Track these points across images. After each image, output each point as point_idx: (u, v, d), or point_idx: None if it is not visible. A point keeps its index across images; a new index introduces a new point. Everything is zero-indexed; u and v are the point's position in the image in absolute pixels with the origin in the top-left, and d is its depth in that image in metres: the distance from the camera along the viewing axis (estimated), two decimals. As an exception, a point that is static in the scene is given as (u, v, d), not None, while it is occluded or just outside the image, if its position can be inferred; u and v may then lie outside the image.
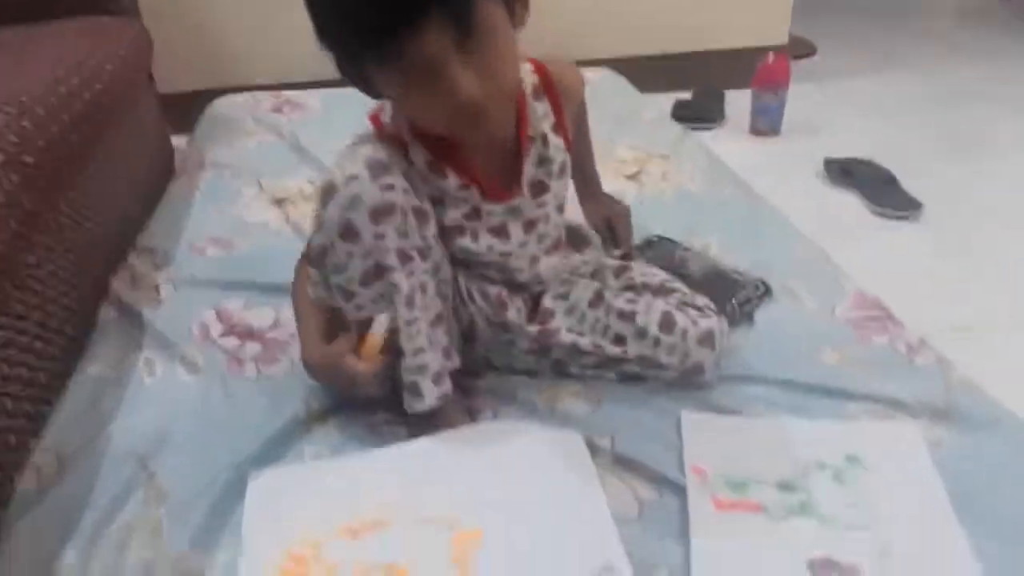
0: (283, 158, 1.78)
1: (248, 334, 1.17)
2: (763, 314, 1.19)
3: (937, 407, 1.00)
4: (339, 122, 1.33)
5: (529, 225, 1.01)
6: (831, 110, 2.33)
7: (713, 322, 1.03)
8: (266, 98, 2.11)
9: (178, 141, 1.98)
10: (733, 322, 1.13)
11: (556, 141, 1.00)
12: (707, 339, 1.02)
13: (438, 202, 0.94)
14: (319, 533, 0.84)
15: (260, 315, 1.20)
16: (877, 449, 0.95)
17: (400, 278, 0.87)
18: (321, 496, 0.89)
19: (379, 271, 0.87)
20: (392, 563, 0.81)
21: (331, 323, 0.94)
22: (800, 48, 2.72)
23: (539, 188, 1.00)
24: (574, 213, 1.21)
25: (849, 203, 1.78)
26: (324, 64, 0.83)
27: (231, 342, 1.15)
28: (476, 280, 1.01)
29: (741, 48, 2.44)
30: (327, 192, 0.85)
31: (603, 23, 2.37)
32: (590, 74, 2.19)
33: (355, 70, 0.84)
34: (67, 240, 1.16)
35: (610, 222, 1.24)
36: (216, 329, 1.18)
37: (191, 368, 1.09)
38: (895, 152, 1.95)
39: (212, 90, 2.16)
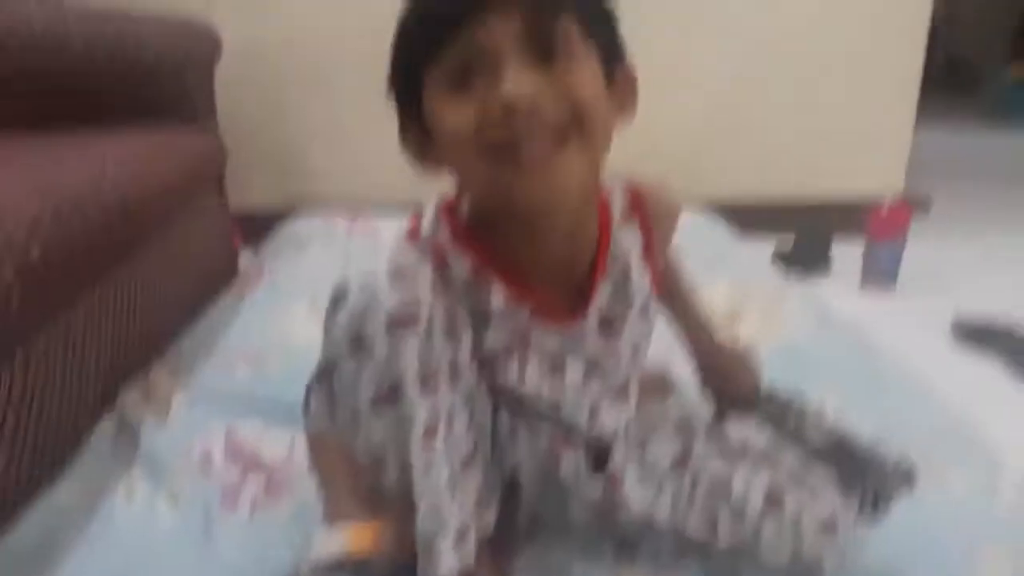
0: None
1: (255, 464, 0.98)
2: (901, 502, 0.92)
3: None
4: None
5: (592, 366, 0.81)
6: (953, 265, 2.08)
7: (837, 505, 0.78)
8: (342, 219, 2.04)
9: (247, 256, 1.91)
10: (864, 511, 0.87)
11: (641, 275, 0.81)
12: (829, 528, 0.77)
13: (480, 322, 0.75)
14: None
15: (274, 441, 1.02)
16: None
17: (417, 406, 0.67)
18: None
19: (393, 395, 0.67)
20: None
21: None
22: (914, 200, 2.51)
23: (610, 326, 0.81)
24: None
25: (986, 371, 1.50)
26: (402, 187, 0.71)
27: (231, 473, 0.96)
28: (525, 417, 0.80)
29: (851, 195, 2.25)
30: (339, 297, 0.68)
31: (703, 165, 2.24)
32: (683, 216, 2.04)
33: (407, 80, 0.70)
34: (79, 344, 1.03)
35: (729, 375, 0.99)
36: (219, 456, 1.00)
37: (173, 503, 0.90)
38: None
39: (294, 207, 2.12)
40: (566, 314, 0.78)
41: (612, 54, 0.72)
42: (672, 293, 0.96)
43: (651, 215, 0.82)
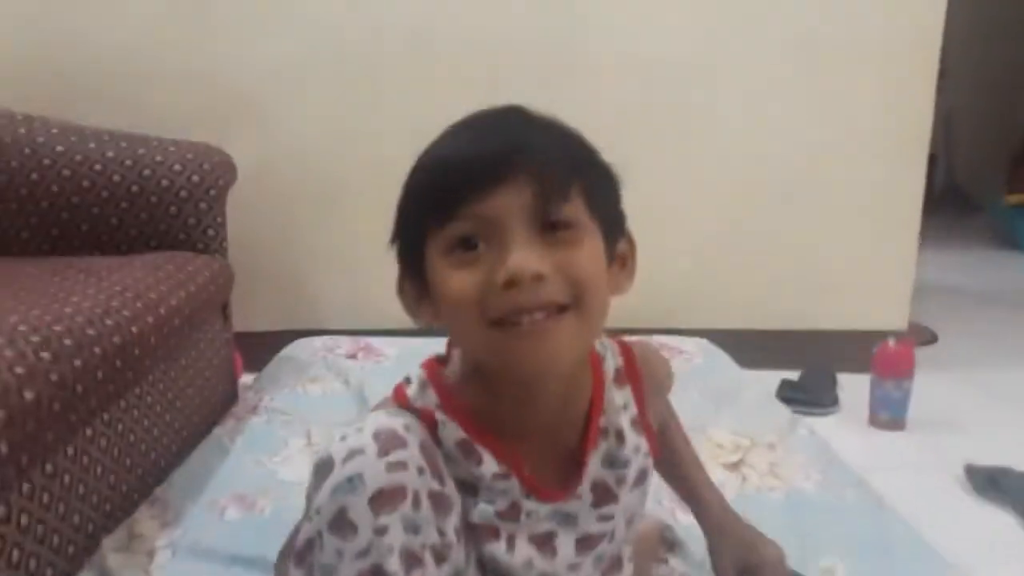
0: (343, 409, 1.64)
1: (235, 630, 0.94)
2: None
3: None
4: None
5: (585, 542, 0.78)
6: (962, 404, 2.05)
7: None
8: (344, 343, 2.03)
9: (248, 380, 1.90)
10: None
11: (636, 440, 0.80)
12: None
13: (469, 491, 0.73)
14: None
15: (258, 603, 0.98)
16: None
17: None
18: None
19: (376, 574, 0.65)
20: None
21: None
22: (919, 334, 2.50)
23: (604, 495, 0.79)
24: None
25: (1001, 522, 1.45)
26: (406, 319, 0.76)
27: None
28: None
29: (856, 328, 2.25)
30: (322, 469, 0.66)
31: (704, 297, 2.24)
32: (685, 345, 2.04)
33: (411, 237, 0.72)
34: (59, 488, 1.01)
35: (750, 544, 0.95)
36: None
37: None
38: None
39: (294, 331, 2.12)
40: (559, 487, 0.77)
41: (615, 227, 0.74)
42: (671, 455, 0.94)
43: (642, 375, 0.82)
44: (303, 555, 0.68)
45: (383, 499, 0.64)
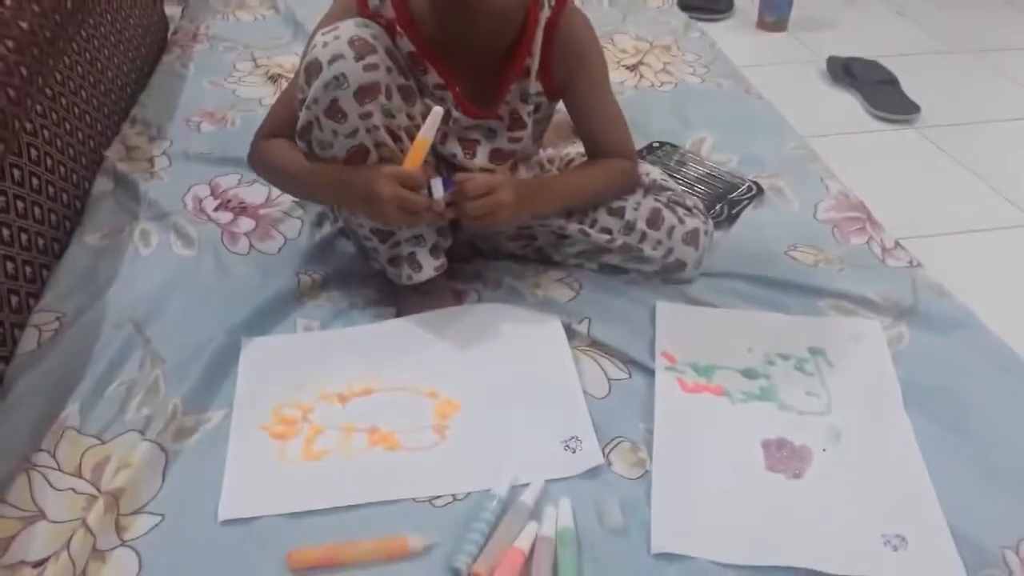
0: (278, 33, 1.76)
1: (241, 209, 1.19)
2: (747, 212, 1.21)
3: (902, 306, 1.04)
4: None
5: (497, 154, 1.00)
6: (840, 8, 2.27)
7: (699, 222, 1.06)
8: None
9: (172, 11, 1.93)
10: (720, 223, 1.16)
11: (538, 86, 0.97)
12: (692, 238, 1.05)
13: (418, 91, 0.94)
14: (308, 398, 0.90)
15: (253, 192, 1.22)
16: (840, 342, 0.99)
17: (393, 157, 0.89)
18: (311, 365, 0.94)
19: (364, 152, 0.88)
20: (375, 426, 0.86)
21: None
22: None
23: (516, 122, 0.99)
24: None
25: (848, 103, 1.76)
26: None
27: (225, 216, 1.18)
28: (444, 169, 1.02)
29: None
30: (311, 69, 0.85)
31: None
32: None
33: None
34: (62, 108, 1.17)
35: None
36: (210, 203, 1.20)
37: (186, 241, 1.12)
38: (901, 54, 1.92)
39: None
40: (481, 110, 0.97)
41: None
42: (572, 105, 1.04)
43: (559, 30, 0.95)
44: (303, 134, 0.89)
45: (363, 93, 0.85)
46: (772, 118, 1.50)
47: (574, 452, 0.84)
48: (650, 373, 0.94)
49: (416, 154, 0.87)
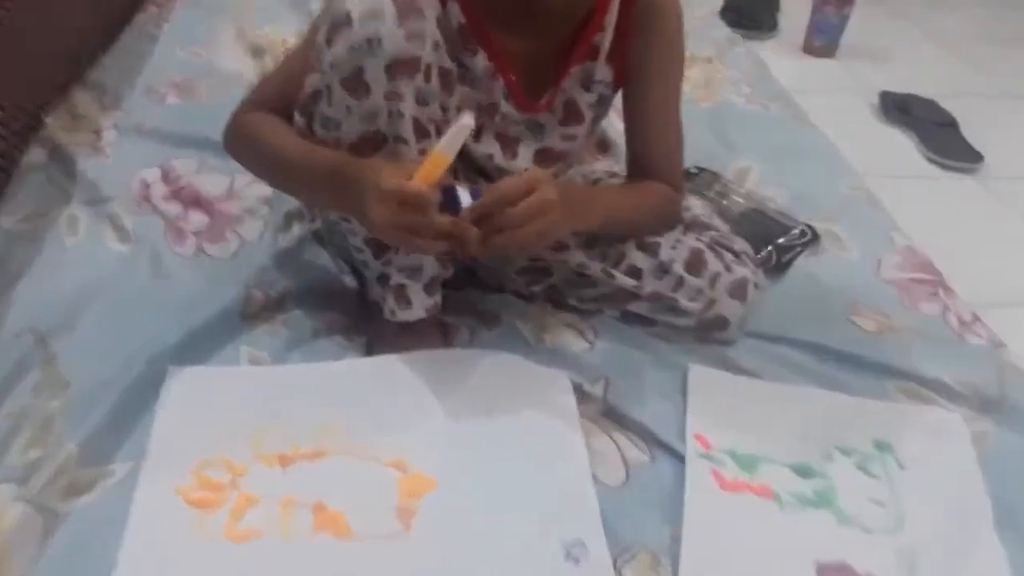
0: (272, 2, 1.56)
1: (195, 202, 0.99)
2: (801, 262, 1.02)
3: (987, 396, 0.86)
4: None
5: (543, 155, 0.83)
6: (895, 38, 2.09)
7: (748, 271, 0.87)
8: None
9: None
10: (769, 271, 0.97)
11: (606, 71, 0.80)
12: (739, 290, 0.86)
13: (458, 78, 0.75)
14: (243, 456, 0.70)
15: (213, 182, 1.03)
16: (913, 438, 0.80)
17: (410, 156, 0.69)
18: (252, 411, 0.74)
19: (379, 140, 0.69)
20: (322, 502, 0.66)
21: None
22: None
23: (572, 114, 0.82)
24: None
25: (903, 144, 1.58)
26: None
27: (174, 208, 0.98)
28: (471, 175, 0.83)
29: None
30: (337, 24, 0.65)
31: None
32: None
33: None
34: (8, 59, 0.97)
35: None
36: (159, 191, 1.01)
37: (121, 234, 0.93)
38: (958, 93, 1.74)
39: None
40: (532, 101, 0.79)
41: None
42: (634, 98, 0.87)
43: (640, 4, 0.78)
44: (307, 105, 0.70)
45: (399, 68, 0.65)
46: (826, 150, 1.31)
47: (577, 563, 0.64)
48: (679, 459, 0.74)
49: (430, 170, 0.63)
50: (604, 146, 1.13)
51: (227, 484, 0.67)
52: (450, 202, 0.65)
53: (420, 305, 0.77)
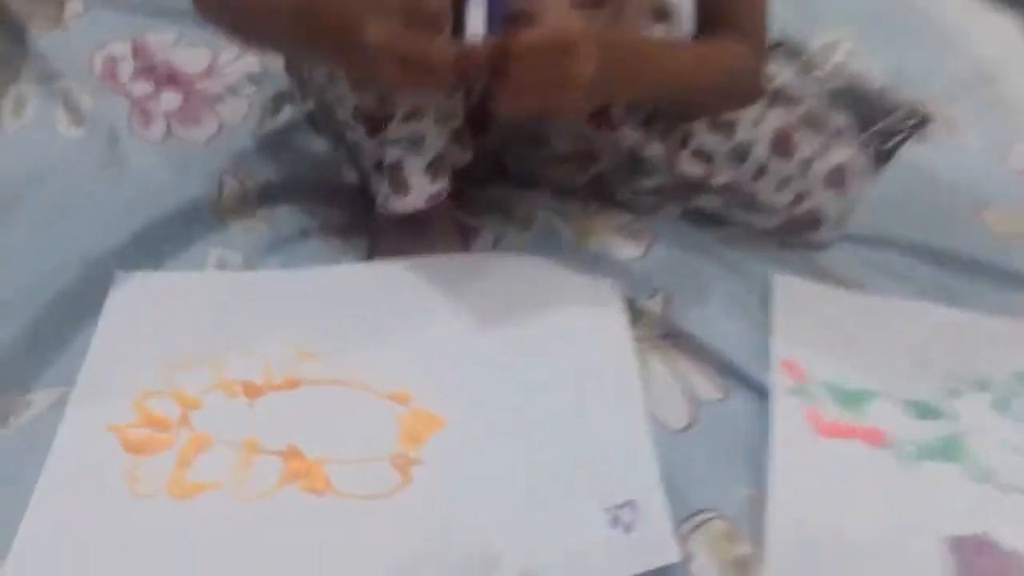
0: None
1: (170, 79, 0.84)
2: (908, 151, 0.84)
3: None
4: None
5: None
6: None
7: (849, 154, 0.70)
8: None
9: None
10: (868, 160, 0.79)
11: None
12: (837, 178, 0.69)
13: None
14: (197, 383, 0.55)
15: (192, 57, 0.87)
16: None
17: None
18: (214, 326, 0.59)
19: None
20: (295, 446, 0.52)
21: None
22: None
23: None
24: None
25: (1002, 27, 1.36)
26: None
27: (143, 87, 0.83)
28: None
29: None
30: None
31: None
32: None
33: None
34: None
35: None
36: (127, 68, 0.86)
37: (74, 116, 0.79)
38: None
39: None
40: None
41: None
42: None
43: None
44: None
45: None
46: (935, 23, 1.09)
47: (628, 531, 0.48)
48: (762, 394, 0.58)
49: None
50: (662, 13, 0.94)
51: (175, 421, 0.53)
52: (456, 25, 0.49)
53: (420, 190, 0.61)
